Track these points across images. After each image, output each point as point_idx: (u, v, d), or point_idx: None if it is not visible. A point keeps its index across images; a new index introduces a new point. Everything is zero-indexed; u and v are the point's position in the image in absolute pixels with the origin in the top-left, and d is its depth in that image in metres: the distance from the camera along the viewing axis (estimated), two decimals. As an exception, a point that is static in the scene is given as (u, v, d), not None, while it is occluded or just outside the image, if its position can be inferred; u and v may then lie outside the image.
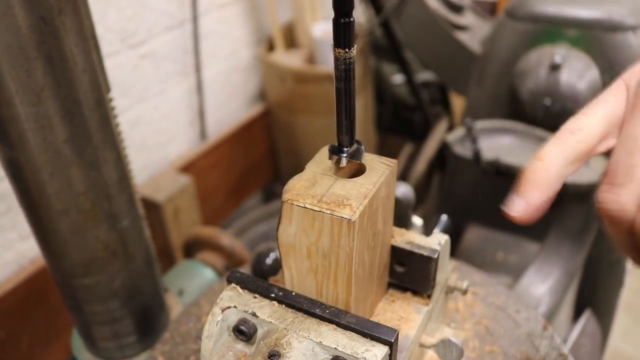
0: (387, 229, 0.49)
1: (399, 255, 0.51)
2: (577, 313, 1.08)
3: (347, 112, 0.42)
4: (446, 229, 0.54)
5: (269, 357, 0.42)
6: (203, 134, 1.64)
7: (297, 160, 1.83)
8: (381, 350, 0.41)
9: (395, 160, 0.47)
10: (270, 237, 1.45)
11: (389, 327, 0.42)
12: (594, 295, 1.16)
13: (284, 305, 0.46)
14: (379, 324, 0.42)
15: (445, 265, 0.53)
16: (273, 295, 0.46)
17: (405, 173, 1.69)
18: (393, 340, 0.41)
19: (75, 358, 0.81)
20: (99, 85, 0.61)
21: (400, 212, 0.59)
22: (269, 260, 0.59)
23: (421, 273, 0.50)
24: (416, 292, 0.52)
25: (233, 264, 1.13)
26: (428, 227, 0.54)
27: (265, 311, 0.45)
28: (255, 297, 0.46)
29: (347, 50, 0.39)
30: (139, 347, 0.78)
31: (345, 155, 0.44)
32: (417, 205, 1.46)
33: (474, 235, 1.18)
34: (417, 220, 0.68)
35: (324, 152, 0.46)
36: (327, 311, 0.44)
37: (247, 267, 0.74)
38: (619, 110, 0.38)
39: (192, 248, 1.20)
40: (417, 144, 1.79)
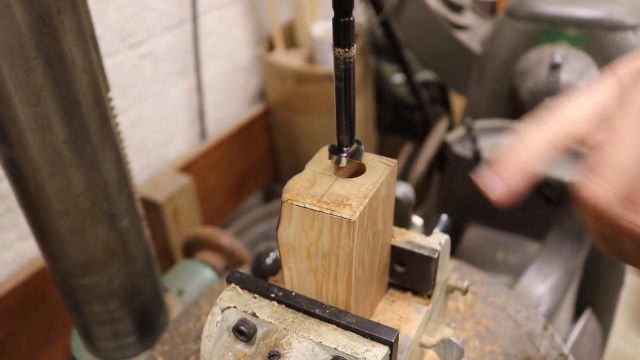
0: (387, 229, 0.49)
1: (399, 255, 0.50)
2: (577, 313, 1.08)
3: (347, 112, 0.42)
4: (446, 228, 0.53)
5: (269, 357, 0.42)
6: (203, 133, 1.64)
7: (297, 160, 1.82)
8: (381, 351, 0.41)
9: (395, 160, 0.46)
10: (270, 237, 1.45)
11: (389, 327, 0.42)
12: (594, 295, 1.15)
13: (283, 306, 0.45)
14: (379, 324, 0.42)
15: (445, 265, 0.53)
16: (273, 295, 0.46)
17: (405, 173, 1.69)
18: (393, 341, 0.41)
19: (74, 358, 0.80)
20: (98, 85, 0.61)
21: (401, 211, 0.59)
22: (269, 260, 0.59)
23: (421, 273, 0.50)
24: (416, 292, 0.52)
25: (233, 264, 1.13)
26: (428, 226, 0.54)
27: (265, 311, 0.45)
28: (255, 297, 0.46)
29: (347, 49, 0.39)
30: (138, 347, 0.77)
31: (345, 154, 0.44)
32: (417, 205, 1.46)
33: (474, 235, 1.18)
34: (417, 220, 0.68)
35: (324, 151, 0.46)
36: (327, 311, 0.44)
37: (247, 267, 0.73)
38: (609, 103, 0.37)
39: (191, 248, 1.20)
40: (417, 144, 1.79)
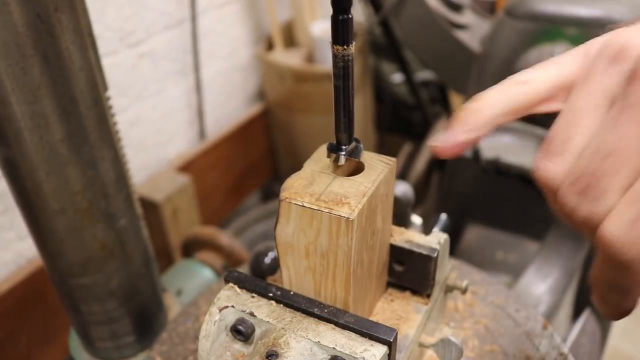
0: (386, 228, 0.49)
1: (398, 254, 0.50)
2: (576, 312, 1.08)
3: (346, 110, 0.42)
4: (445, 228, 0.53)
5: (267, 357, 0.42)
6: (202, 133, 1.64)
7: (297, 160, 1.82)
8: (380, 350, 0.41)
9: (394, 159, 0.46)
10: (270, 236, 1.44)
11: (388, 327, 0.42)
12: (594, 295, 1.15)
13: (282, 305, 0.45)
14: (377, 324, 0.42)
15: (444, 264, 0.53)
16: (271, 294, 0.45)
17: (404, 172, 1.69)
18: (392, 340, 0.41)
19: (72, 358, 0.80)
20: (96, 83, 0.60)
21: (400, 210, 0.59)
22: (268, 259, 0.58)
23: (420, 272, 0.50)
24: (415, 292, 0.52)
25: (232, 263, 1.13)
26: (427, 226, 0.54)
27: (263, 311, 0.45)
28: (253, 297, 0.46)
29: (345, 47, 0.39)
30: (136, 347, 0.77)
31: (343, 153, 0.44)
32: (417, 204, 1.46)
33: (473, 235, 1.17)
34: (416, 219, 0.68)
35: (322, 150, 0.46)
36: (326, 311, 0.44)
37: (245, 267, 0.73)
38: (572, 75, 0.37)
39: (190, 248, 1.20)
40: (417, 143, 1.79)
